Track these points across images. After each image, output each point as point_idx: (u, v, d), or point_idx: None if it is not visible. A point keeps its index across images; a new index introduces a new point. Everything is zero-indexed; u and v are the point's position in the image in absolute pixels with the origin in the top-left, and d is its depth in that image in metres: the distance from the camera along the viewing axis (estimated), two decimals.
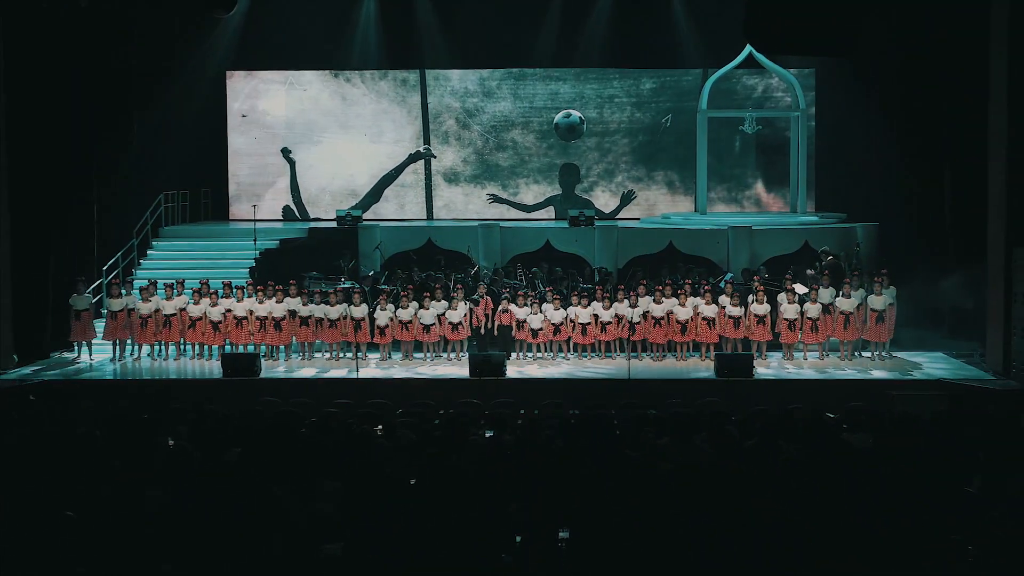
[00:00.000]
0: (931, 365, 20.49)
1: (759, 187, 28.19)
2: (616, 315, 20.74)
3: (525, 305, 20.87)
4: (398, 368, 20.40)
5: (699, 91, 26.68)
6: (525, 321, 20.80)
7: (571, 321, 20.81)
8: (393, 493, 9.12)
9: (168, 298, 21.10)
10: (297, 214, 28.34)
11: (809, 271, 22.05)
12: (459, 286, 21.34)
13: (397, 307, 20.93)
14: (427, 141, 28.31)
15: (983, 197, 20.40)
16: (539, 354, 20.98)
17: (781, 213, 27.48)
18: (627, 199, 28.17)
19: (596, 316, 20.81)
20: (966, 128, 21.36)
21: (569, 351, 21.08)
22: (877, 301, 20.73)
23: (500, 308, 20.87)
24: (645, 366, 20.46)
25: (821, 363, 20.62)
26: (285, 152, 28.39)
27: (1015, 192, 19.69)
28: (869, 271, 22.00)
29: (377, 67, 28.14)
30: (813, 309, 20.67)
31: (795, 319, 20.58)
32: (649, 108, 28.18)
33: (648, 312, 20.82)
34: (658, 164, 28.28)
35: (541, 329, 20.82)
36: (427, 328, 20.87)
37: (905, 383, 18.98)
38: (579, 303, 20.89)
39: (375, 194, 28.36)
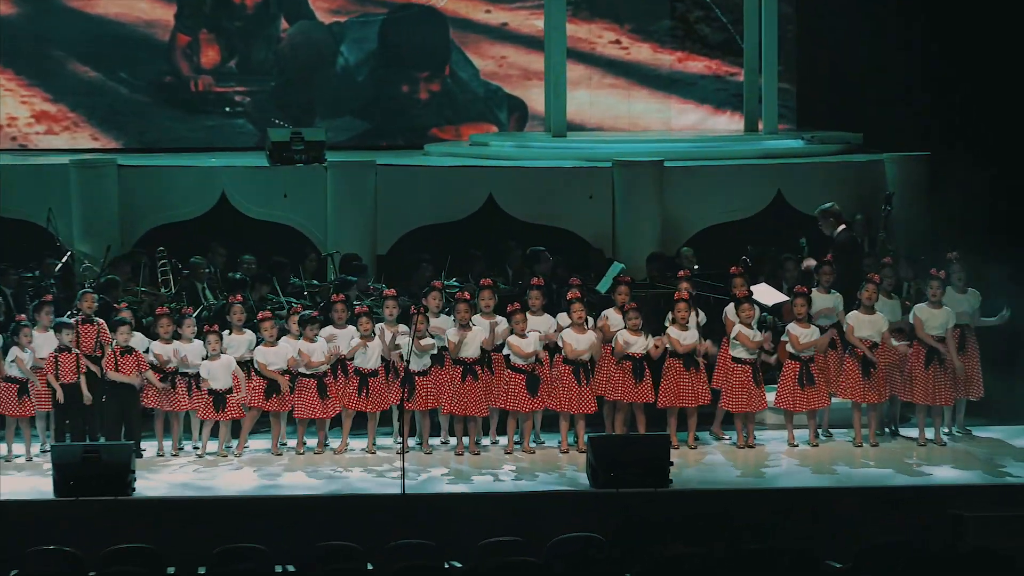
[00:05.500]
0: None
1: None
2: (380, 358, 21.17)
3: (176, 337, 21.06)
4: None
5: None
6: (175, 371, 21.04)
7: (278, 372, 21.13)
8: None
9: None
10: None
11: (786, 255, 23.15)
12: (47, 299, 21.47)
13: None
14: None
15: None
16: (213, 441, 21.25)
17: (728, 136, 28.72)
18: None
19: (343, 362, 21.19)
20: None
21: (281, 435, 21.49)
22: (935, 319, 21.25)
23: (112, 342, 20.99)
24: (439, 468, 20.84)
25: (815, 452, 21.32)
26: None
27: None
28: (914, 258, 22.99)
29: None
30: (804, 334, 21.28)
31: (755, 359, 21.24)
32: None
33: (446, 349, 21.24)
34: None
35: (228, 391, 21.08)
36: None
37: (987, 490, 19.75)
38: (301, 332, 21.18)
39: None
